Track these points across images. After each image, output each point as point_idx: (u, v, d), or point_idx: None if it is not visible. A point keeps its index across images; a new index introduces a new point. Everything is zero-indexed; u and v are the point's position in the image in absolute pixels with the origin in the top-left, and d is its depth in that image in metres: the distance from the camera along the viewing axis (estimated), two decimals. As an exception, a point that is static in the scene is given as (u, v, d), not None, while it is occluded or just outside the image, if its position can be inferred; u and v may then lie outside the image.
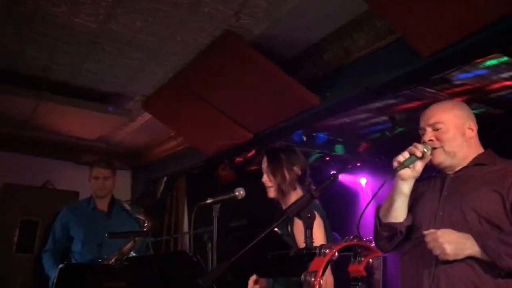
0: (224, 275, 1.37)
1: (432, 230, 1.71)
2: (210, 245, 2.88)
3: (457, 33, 2.25)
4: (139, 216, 3.52)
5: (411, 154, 1.81)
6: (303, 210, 1.53)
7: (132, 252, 3.25)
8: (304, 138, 3.73)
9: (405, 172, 1.83)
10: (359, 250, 1.36)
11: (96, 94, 3.77)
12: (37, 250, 3.68)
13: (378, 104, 3.67)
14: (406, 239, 1.93)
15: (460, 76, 3.24)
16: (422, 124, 1.96)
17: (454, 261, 1.69)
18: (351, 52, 2.88)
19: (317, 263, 1.28)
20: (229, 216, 2.99)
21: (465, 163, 1.92)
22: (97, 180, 3.63)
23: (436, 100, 3.63)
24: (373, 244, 1.97)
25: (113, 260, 2.64)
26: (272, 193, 2.39)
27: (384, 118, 3.94)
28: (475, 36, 2.22)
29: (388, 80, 2.68)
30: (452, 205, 1.83)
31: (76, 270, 2.78)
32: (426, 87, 3.39)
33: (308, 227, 1.53)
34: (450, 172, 1.94)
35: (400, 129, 3.81)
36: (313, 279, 1.25)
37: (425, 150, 1.83)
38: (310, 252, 1.41)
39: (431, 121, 1.92)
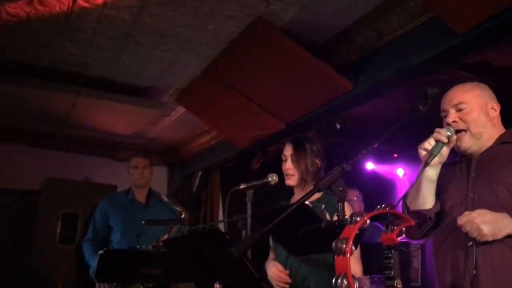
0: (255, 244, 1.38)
1: (466, 213, 1.66)
2: (244, 232, 2.88)
3: (494, 7, 2.18)
4: (176, 208, 3.58)
5: (437, 140, 1.79)
6: (334, 183, 1.52)
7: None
8: (338, 126, 3.69)
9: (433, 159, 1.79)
10: (391, 219, 1.34)
11: (131, 88, 3.86)
12: (78, 241, 3.81)
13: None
14: (435, 226, 1.89)
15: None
16: (444, 106, 1.94)
17: (492, 242, 1.65)
18: (384, 34, 2.82)
19: (349, 231, 1.27)
20: (263, 204, 3.00)
21: (490, 144, 1.88)
22: (136, 169, 3.75)
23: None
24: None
25: (150, 246, 2.69)
26: (292, 181, 2.43)
27: (432, 89, 3.83)
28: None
29: (422, 60, 2.61)
30: (481, 185, 1.80)
31: (115, 256, 2.85)
32: (459, 70, 3.28)
33: (340, 200, 1.52)
34: (475, 155, 1.91)
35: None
36: (344, 245, 1.23)
37: (449, 133, 1.81)
38: (342, 224, 1.40)
39: (454, 101, 1.90)
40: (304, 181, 2.40)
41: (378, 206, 1.33)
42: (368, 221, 1.27)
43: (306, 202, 1.55)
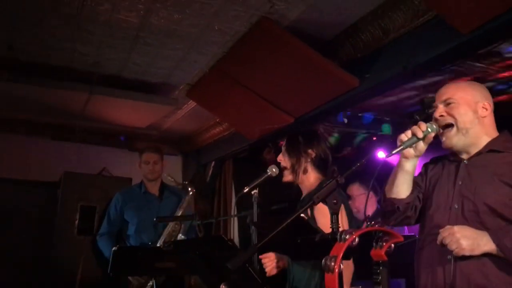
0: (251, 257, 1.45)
1: (448, 226, 1.70)
2: (252, 227, 2.97)
3: (497, 7, 2.16)
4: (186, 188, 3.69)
5: (413, 134, 1.78)
6: (329, 196, 1.57)
7: (180, 234, 3.43)
8: (345, 121, 3.71)
9: (408, 151, 1.80)
10: (380, 235, 1.39)
11: (143, 85, 3.94)
12: (96, 233, 3.95)
13: (423, 82, 3.58)
14: (409, 217, 1.94)
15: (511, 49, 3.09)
16: (435, 102, 1.95)
17: (470, 257, 1.69)
18: (389, 31, 2.82)
19: (338, 248, 1.33)
20: (274, 194, 3.06)
21: (478, 147, 1.88)
22: (147, 164, 3.85)
23: (486, 74, 3.51)
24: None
25: (161, 243, 2.80)
26: (286, 176, 2.47)
27: (432, 95, 3.85)
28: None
29: (428, 58, 2.61)
30: (466, 197, 1.82)
31: (128, 253, 2.97)
32: (475, 61, 3.26)
33: (334, 213, 1.57)
34: (464, 157, 1.91)
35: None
36: (333, 263, 1.29)
37: (429, 130, 1.79)
38: (335, 238, 1.46)
39: (444, 97, 1.91)
40: (295, 172, 2.43)
41: (367, 223, 1.38)
42: (357, 239, 1.32)
43: (302, 215, 1.60)
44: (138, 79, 3.86)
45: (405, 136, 1.79)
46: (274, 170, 2.56)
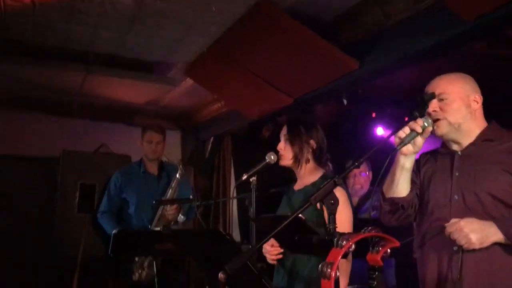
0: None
1: (454, 220, 1.70)
2: (251, 209, 2.99)
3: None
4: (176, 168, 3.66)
5: (412, 129, 1.78)
6: (326, 197, 1.58)
7: (180, 215, 3.47)
8: (345, 102, 3.68)
9: (406, 147, 1.81)
10: (377, 240, 1.40)
11: (140, 63, 3.88)
12: (97, 211, 3.99)
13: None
14: (413, 215, 1.96)
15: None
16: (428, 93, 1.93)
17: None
18: (390, 15, 2.76)
19: (334, 255, 1.34)
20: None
21: (470, 138, 1.89)
22: (150, 144, 3.82)
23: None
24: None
25: (161, 227, 2.83)
26: (284, 161, 2.49)
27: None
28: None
29: (429, 45, 2.57)
30: (466, 188, 1.82)
31: (128, 236, 3.02)
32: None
33: (332, 213, 1.58)
34: (457, 149, 1.92)
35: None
36: (329, 270, 1.31)
37: (426, 124, 1.79)
38: (332, 240, 1.48)
39: (436, 91, 1.89)
40: (298, 162, 2.45)
41: (364, 229, 1.39)
42: (353, 246, 1.34)
43: (300, 216, 1.61)
44: (135, 58, 3.80)
45: (403, 132, 1.79)
46: (272, 157, 2.57)
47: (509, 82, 3.43)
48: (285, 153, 2.48)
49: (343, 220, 2.08)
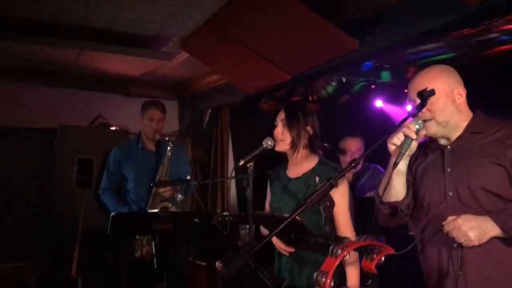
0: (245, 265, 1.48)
1: (451, 218, 1.71)
2: (249, 190, 3.00)
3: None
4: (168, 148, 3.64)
5: (406, 135, 1.76)
6: (322, 200, 1.58)
7: (178, 194, 3.49)
8: (344, 80, 3.62)
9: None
10: (371, 247, 1.41)
11: (135, 37, 3.79)
12: (95, 186, 4.01)
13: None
14: (411, 215, 1.97)
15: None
16: (411, 95, 1.90)
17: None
18: (393, -6, 2.68)
19: (329, 263, 1.35)
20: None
21: (458, 131, 1.89)
22: (151, 121, 3.77)
23: (491, 26, 3.36)
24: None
25: (159, 209, 2.84)
26: (281, 146, 2.49)
27: (434, 45, 3.73)
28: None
29: (431, 28, 2.50)
30: (459, 183, 1.83)
31: (127, 217, 3.04)
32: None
33: (327, 215, 1.59)
34: (446, 143, 1.91)
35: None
36: (324, 279, 1.33)
37: (418, 127, 1.78)
38: (328, 243, 1.49)
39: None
40: (295, 147, 2.47)
41: (359, 237, 1.40)
42: (347, 255, 1.34)
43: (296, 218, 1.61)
44: (130, 32, 3.70)
45: (398, 139, 1.78)
46: (269, 142, 2.54)
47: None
48: (284, 138, 2.47)
49: (343, 209, 2.11)
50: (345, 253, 1.34)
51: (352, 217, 2.38)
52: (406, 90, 4.55)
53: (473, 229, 1.68)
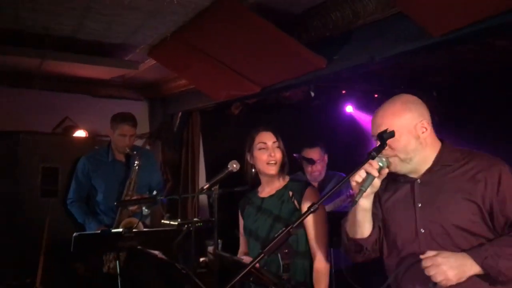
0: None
1: (430, 253, 1.66)
2: (216, 207, 2.99)
3: (471, 16, 2.04)
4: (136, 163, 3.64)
5: (368, 173, 1.74)
6: (280, 248, 1.57)
7: (144, 209, 3.45)
8: (312, 94, 3.62)
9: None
10: None
11: (100, 46, 3.68)
12: (61, 195, 3.93)
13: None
14: (375, 250, 1.96)
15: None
16: (373, 131, 1.87)
17: None
18: (359, 15, 2.66)
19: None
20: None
21: (427, 164, 1.86)
22: (123, 137, 3.71)
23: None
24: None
25: (123, 230, 2.82)
26: (278, 169, 2.50)
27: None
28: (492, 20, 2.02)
29: (396, 53, 2.51)
30: (431, 220, 1.80)
31: (89, 238, 2.99)
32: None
33: (286, 263, 1.59)
34: (415, 176, 1.89)
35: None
36: None
37: (381, 165, 1.76)
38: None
39: (382, 128, 1.81)
40: (283, 171, 2.51)
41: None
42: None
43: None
44: (95, 40, 3.59)
45: (359, 176, 1.75)
46: (235, 165, 2.58)
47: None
48: (277, 160, 2.49)
49: (319, 224, 2.27)
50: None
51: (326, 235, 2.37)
52: (376, 95, 4.53)
53: (452, 268, 1.62)
